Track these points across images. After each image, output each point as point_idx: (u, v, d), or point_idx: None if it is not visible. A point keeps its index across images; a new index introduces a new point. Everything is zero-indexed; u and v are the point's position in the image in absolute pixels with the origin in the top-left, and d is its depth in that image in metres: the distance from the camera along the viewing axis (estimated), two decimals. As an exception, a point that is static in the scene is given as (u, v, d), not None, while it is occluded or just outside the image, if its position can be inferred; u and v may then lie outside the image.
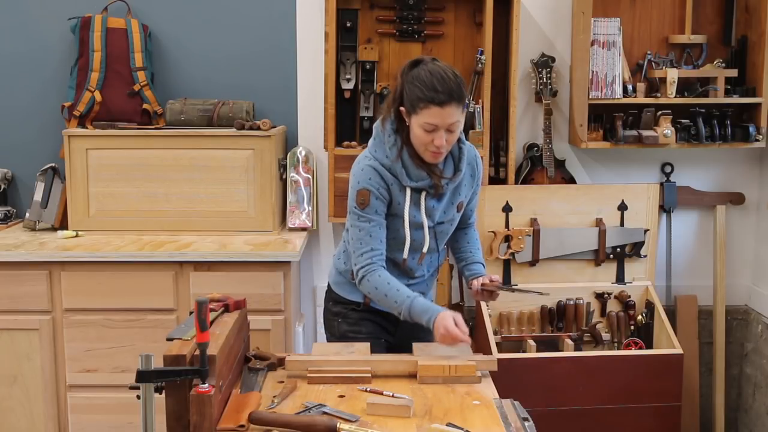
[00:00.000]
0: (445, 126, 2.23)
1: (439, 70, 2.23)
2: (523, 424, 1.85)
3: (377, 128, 2.40)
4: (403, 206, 2.35)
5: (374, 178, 2.33)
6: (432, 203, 2.39)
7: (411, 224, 2.36)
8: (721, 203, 3.72)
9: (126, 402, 2.94)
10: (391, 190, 2.34)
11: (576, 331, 3.47)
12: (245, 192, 3.39)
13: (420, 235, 2.39)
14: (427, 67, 2.25)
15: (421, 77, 2.23)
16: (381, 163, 2.34)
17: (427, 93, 2.20)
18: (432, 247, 2.44)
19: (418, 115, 2.24)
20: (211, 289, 2.75)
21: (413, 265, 2.44)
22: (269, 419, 1.81)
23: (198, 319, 1.73)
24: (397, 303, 2.29)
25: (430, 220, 2.39)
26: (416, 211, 2.37)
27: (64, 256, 3.09)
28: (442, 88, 2.20)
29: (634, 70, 3.56)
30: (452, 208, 2.45)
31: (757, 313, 3.75)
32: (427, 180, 2.34)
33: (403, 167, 2.32)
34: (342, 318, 2.57)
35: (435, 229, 2.43)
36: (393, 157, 2.32)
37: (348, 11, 3.45)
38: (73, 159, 3.37)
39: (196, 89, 3.60)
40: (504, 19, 3.43)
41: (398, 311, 2.30)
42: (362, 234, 2.34)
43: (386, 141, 2.34)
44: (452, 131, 2.25)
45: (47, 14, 3.56)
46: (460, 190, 2.44)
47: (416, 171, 2.33)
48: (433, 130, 2.23)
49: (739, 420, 3.87)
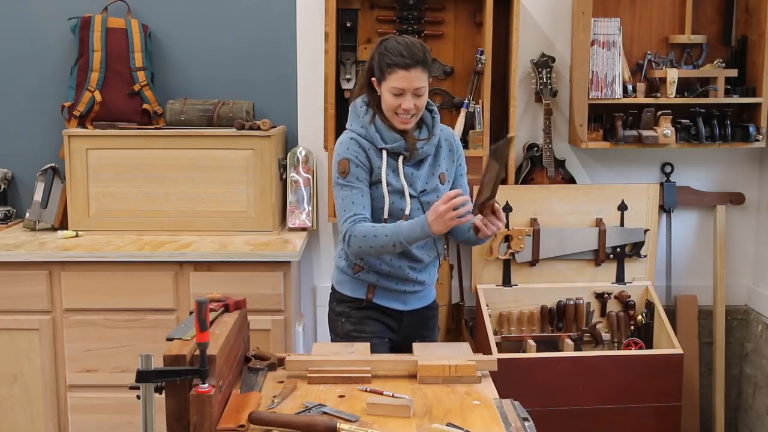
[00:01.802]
0: (412, 89, 2.37)
1: (405, 40, 2.42)
2: (523, 424, 1.85)
3: (351, 106, 2.53)
4: (380, 170, 2.43)
5: (352, 147, 2.45)
6: (410, 170, 2.47)
7: (392, 192, 2.44)
8: (721, 203, 3.72)
9: (126, 402, 2.94)
10: (369, 156, 2.45)
11: (576, 331, 3.47)
12: (245, 192, 3.39)
13: (401, 201, 2.45)
14: (394, 38, 2.44)
15: (389, 47, 2.40)
16: (357, 133, 2.47)
17: (393, 58, 2.37)
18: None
19: (386, 80, 2.39)
20: (211, 289, 2.75)
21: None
22: (269, 419, 1.81)
23: (198, 319, 1.73)
24: (387, 236, 2.35)
25: (411, 189, 2.46)
26: (395, 176, 2.44)
27: (64, 256, 3.09)
28: (408, 54, 2.37)
29: (634, 70, 3.56)
30: (434, 179, 2.50)
31: (757, 313, 3.75)
32: (401, 141, 2.44)
33: (377, 131, 2.45)
34: (345, 317, 2.58)
35: (419, 199, 2.47)
36: (366, 123, 2.46)
37: (348, 11, 3.45)
38: (73, 159, 3.37)
39: (196, 89, 3.60)
40: (504, 19, 3.44)
41: (392, 243, 2.35)
42: (345, 202, 2.42)
43: (359, 113, 2.49)
44: (419, 95, 2.39)
45: (47, 14, 3.56)
46: (439, 161, 2.52)
47: (390, 134, 2.44)
48: (401, 94, 2.38)
49: (739, 420, 3.87)
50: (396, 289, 2.54)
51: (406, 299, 2.59)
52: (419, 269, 2.54)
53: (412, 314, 2.61)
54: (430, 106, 2.53)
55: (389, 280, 2.53)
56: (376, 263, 2.50)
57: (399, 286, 2.54)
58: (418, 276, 2.53)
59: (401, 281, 2.54)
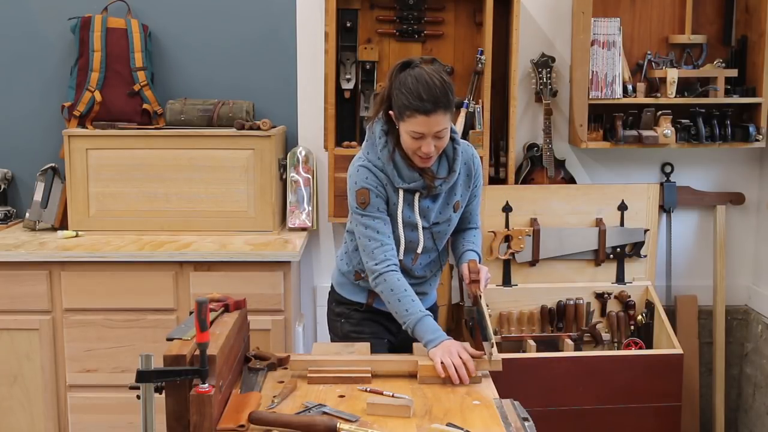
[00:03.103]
0: (432, 134, 2.22)
1: (425, 77, 2.20)
2: (523, 424, 1.85)
3: (369, 130, 2.40)
4: (396, 207, 2.34)
5: (370, 177, 2.32)
6: (426, 204, 2.38)
7: (405, 225, 2.36)
8: (721, 203, 3.72)
9: (126, 402, 2.94)
10: (386, 189, 2.34)
11: (576, 331, 3.47)
12: (245, 192, 3.39)
13: (414, 235, 2.38)
14: (414, 72, 2.23)
15: (407, 84, 2.21)
16: (374, 164, 2.34)
17: (412, 102, 2.18)
18: (429, 247, 2.44)
19: (404, 122, 2.23)
20: (211, 289, 2.75)
21: (408, 265, 2.44)
22: (269, 419, 1.81)
23: (198, 319, 1.73)
24: (408, 311, 2.26)
25: (425, 221, 2.39)
26: (410, 211, 2.36)
27: (64, 256, 3.09)
28: (428, 96, 2.18)
29: (634, 70, 3.56)
30: (448, 209, 2.43)
31: (757, 313, 3.75)
32: (419, 181, 2.32)
33: (395, 169, 2.32)
34: (345, 318, 2.57)
35: (431, 230, 2.43)
36: (385, 158, 2.32)
37: (348, 11, 3.45)
38: (73, 159, 3.37)
39: (196, 89, 3.60)
40: (504, 19, 3.43)
41: (404, 320, 2.27)
42: (370, 231, 2.32)
43: (377, 143, 2.34)
44: (440, 137, 2.24)
45: (47, 14, 3.56)
46: (455, 190, 2.43)
47: (408, 172, 2.32)
48: (420, 138, 2.22)
49: (739, 420, 3.87)
50: None
51: None
52: (420, 283, 2.53)
53: None
54: (454, 134, 2.37)
55: None
56: None
57: None
58: (418, 289, 2.48)
59: None
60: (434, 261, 2.52)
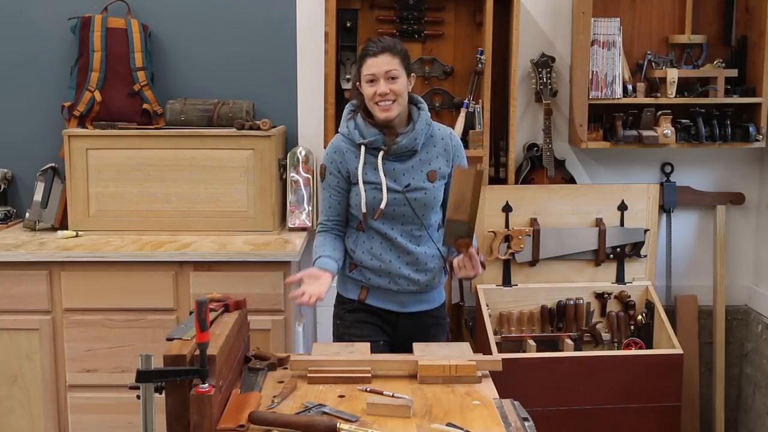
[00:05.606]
0: (383, 74, 2.44)
1: (379, 37, 2.58)
2: (523, 424, 1.85)
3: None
4: (357, 170, 2.49)
5: (330, 153, 2.56)
6: (393, 165, 2.50)
7: (367, 183, 2.48)
8: (721, 203, 3.72)
9: (126, 402, 2.94)
10: (347, 159, 2.51)
11: (576, 331, 3.47)
12: (245, 192, 3.39)
13: (378, 194, 2.48)
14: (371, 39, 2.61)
15: (365, 46, 2.53)
16: (342, 134, 2.56)
17: (363, 51, 2.50)
18: (407, 214, 2.50)
19: (361, 74, 2.48)
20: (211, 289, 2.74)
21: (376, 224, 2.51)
22: (269, 419, 1.81)
23: (198, 319, 1.73)
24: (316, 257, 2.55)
25: (396, 183, 2.48)
26: (374, 172, 2.49)
27: (64, 256, 3.09)
28: (375, 43, 2.49)
29: (634, 70, 3.56)
30: (421, 175, 2.51)
31: (757, 313, 3.75)
32: (379, 136, 2.49)
33: (356, 128, 2.52)
34: (339, 320, 2.60)
35: (406, 195, 2.48)
36: (346, 120, 2.55)
37: (348, 11, 3.44)
38: (73, 159, 3.37)
39: (196, 89, 3.60)
40: (504, 19, 3.43)
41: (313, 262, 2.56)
42: (322, 202, 2.61)
43: (345, 116, 2.58)
44: (393, 78, 2.45)
45: (47, 14, 3.56)
46: (430, 160, 2.53)
47: (368, 129, 2.50)
48: (374, 80, 2.45)
49: (739, 420, 3.87)
50: (389, 289, 2.54)
51: (403, 301, 2.58)
52: (413, 266, 2.53)
53: (410, 318, 2.61)
54: (419, 102, 2.58)
55: (381, 277, 2.53)
56: (367, 258, 2.51)
57: (392, 285, 2.54)
58: (411, 274, 2.52)
59: (393, 279, 2.54)
60: (425, 237, 2.53)
